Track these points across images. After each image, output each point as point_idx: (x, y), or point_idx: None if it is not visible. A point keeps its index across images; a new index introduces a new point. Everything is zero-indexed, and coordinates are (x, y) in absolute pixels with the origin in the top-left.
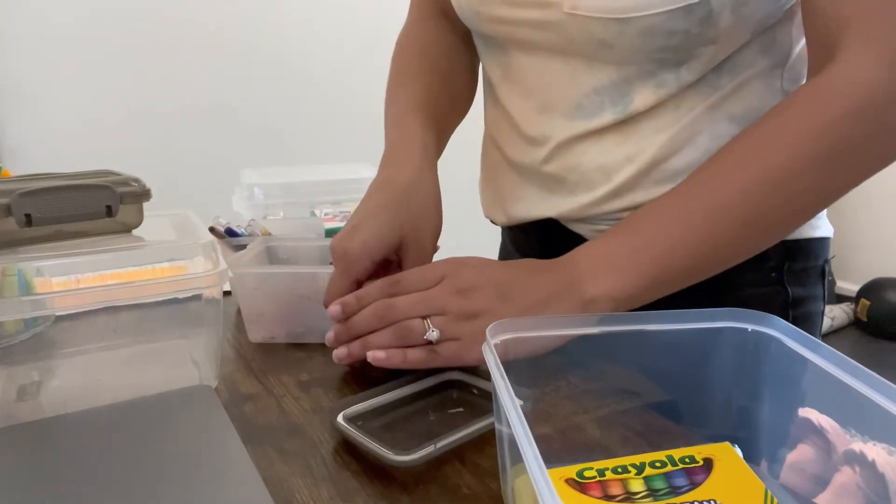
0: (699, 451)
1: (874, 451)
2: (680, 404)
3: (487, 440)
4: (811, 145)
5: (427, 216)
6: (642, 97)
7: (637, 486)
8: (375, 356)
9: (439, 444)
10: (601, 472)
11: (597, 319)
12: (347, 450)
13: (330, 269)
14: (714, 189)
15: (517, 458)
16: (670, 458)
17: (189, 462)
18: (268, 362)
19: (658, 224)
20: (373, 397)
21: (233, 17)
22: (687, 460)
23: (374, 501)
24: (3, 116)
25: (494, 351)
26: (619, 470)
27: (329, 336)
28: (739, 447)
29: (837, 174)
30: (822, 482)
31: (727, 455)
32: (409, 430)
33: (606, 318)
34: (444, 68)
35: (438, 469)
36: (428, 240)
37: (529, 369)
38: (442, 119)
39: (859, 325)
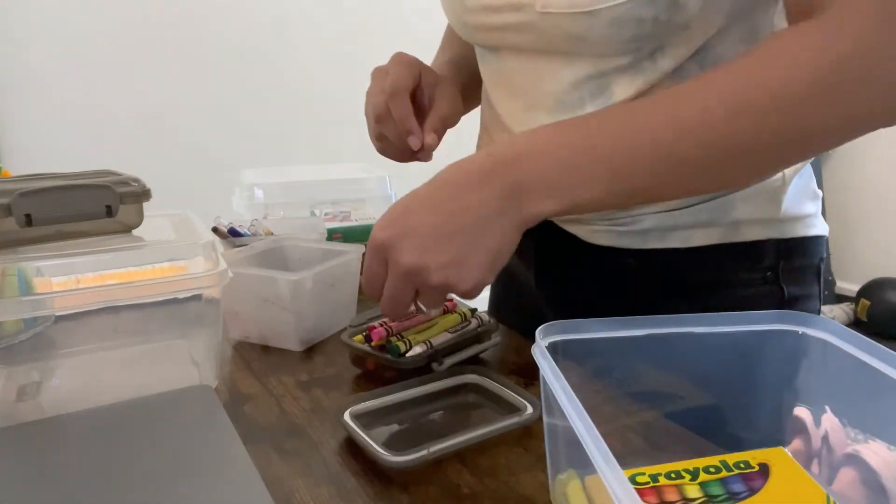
0: (753, 456)
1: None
2: (725, 408)
3: (488, 441)
4: (796, 79)
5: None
6: (622, 88)
7: (693, 492)
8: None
9: (432, 449)
10: (654, 478)
11: (644, 322)
12: (347, 450)
13: (291, 277)
14: (674, 108)
15: (569, 462)
16: (724, 462)
17: (189, 462)
18: (268, 362)
19: (616, 135)
20: (385, 395)
21: (233, 17)
22: (742, 465)
23: (374, 501)
24: (3, 116)
25: (548, 355)
26: (673, 475)
27: None
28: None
29: (817, 115)
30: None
31: (782, 460)
32: (414, 431)
33: (653, 321)
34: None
35: (438, 469)
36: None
37: (572, 371)
38: (467, 79)
39: (859, 325)
